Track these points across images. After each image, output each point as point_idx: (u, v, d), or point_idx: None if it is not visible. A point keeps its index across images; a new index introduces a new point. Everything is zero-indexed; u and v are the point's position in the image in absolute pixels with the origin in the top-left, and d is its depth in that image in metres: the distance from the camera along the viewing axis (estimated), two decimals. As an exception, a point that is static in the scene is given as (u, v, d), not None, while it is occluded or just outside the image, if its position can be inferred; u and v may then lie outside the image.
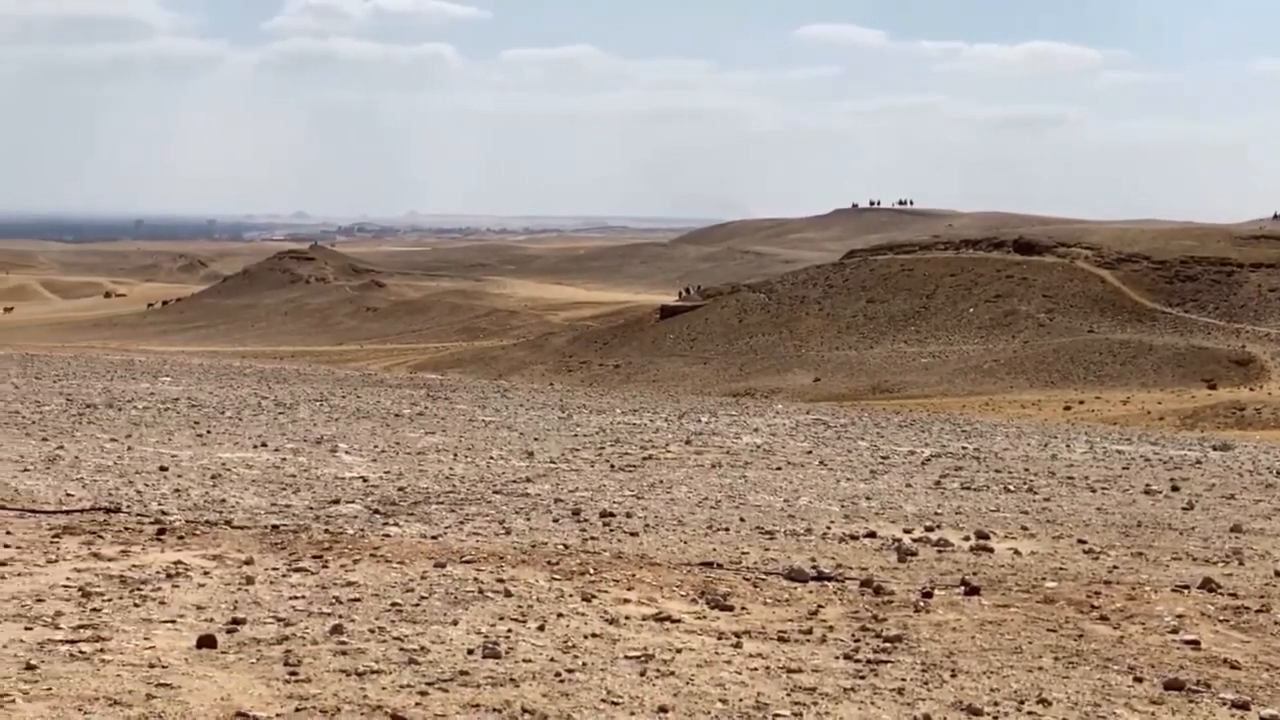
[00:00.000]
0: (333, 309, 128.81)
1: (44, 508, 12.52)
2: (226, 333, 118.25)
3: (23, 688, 6.94)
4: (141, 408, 23.24)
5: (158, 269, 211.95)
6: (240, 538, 11.33)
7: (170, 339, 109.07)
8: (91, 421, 20.72)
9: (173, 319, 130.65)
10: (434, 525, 12.60)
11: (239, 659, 7.65)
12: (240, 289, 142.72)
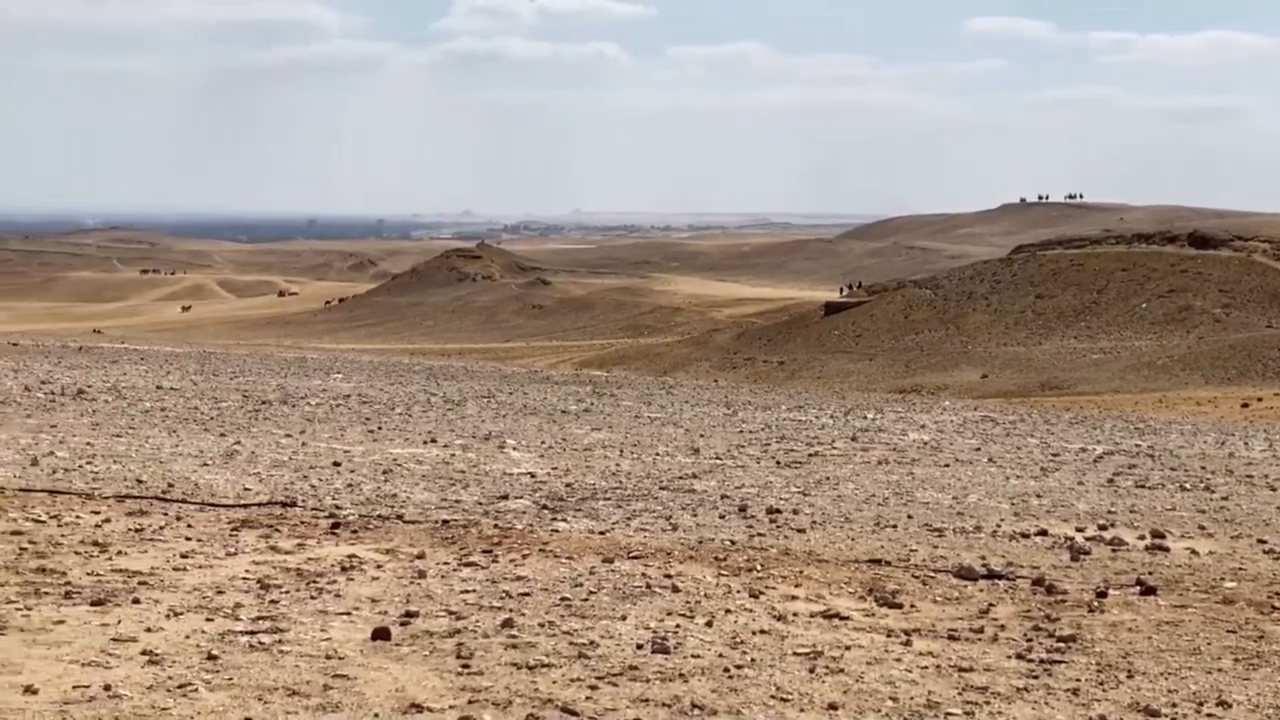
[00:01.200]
0: (499, 306, 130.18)
1: (223, 502, 12.82)
2: (395, 330, 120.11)
3: (205, 677, 7.12)
4: (314, 404, 23.69)
5: (329, 268, 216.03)
6: (412, 532, 11.51)
7: (340, 337, 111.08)
8: (267, 418, 21.17)
9: (343, 317, 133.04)
10: (601, 521, 12.67)
11: (412, 651, 7.77)
12: (408, 287, 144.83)
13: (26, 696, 6.71)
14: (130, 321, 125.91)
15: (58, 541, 10.49)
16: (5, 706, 6.56)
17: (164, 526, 11.34)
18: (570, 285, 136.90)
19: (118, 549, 10.31)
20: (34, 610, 8.37)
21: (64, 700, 6.69)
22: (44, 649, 7.54)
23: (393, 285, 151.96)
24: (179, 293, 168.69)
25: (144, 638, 7.82)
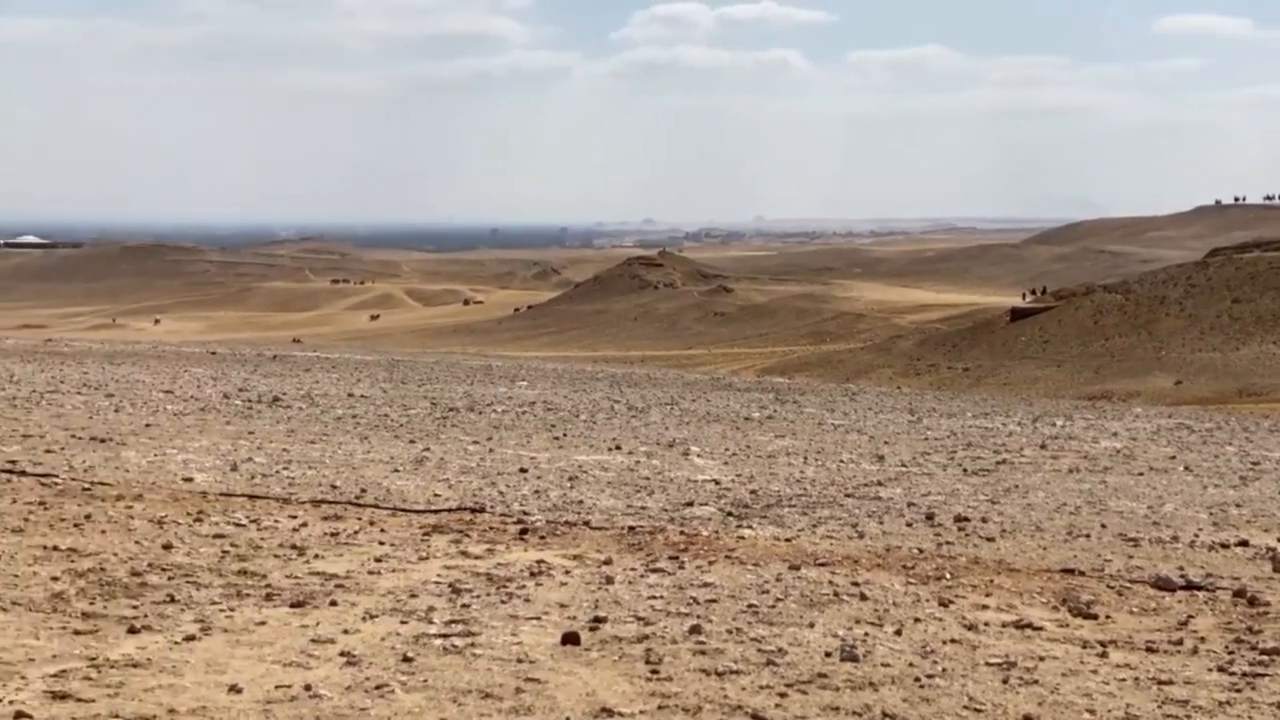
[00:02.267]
0: (681, 314, 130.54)
1: (414, 507, 13.05)
2: (578, 338, 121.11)
3: (401, 679, 7.26)
4: (501, 411, 23.99)
5: (513, 276, 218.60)
6: (599, 538, 11.60)
7: (525, 344, 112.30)
8: (455, 424, 21.49)
9: (527, 325, 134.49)
10: (787, 528, 12.64)
11: (602, 656, 7.83)
12: (591, 295, 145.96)
13: (232, 695, 6.90)
14: (321, 330, 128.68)
15: (258, 545, 10.78)
16: (212, 705, 6.76)
17: (358, 531, 11.58)
18: (752, 292, 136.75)
19: (315, 552, 10.56)
20: (237, 611, 8.61)
21: (267, 699, 6.88)
22: (247, 649, 7.76)
23: (575, 293, 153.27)
24: (368, 301, 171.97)
25: (342, 639, 7.99)
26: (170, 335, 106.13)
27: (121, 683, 7.05)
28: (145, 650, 7.66)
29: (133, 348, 42.93)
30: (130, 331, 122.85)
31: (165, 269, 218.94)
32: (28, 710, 6.55)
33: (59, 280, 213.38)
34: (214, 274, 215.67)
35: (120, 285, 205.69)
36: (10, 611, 8.44)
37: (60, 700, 6.75)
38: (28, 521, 11.41)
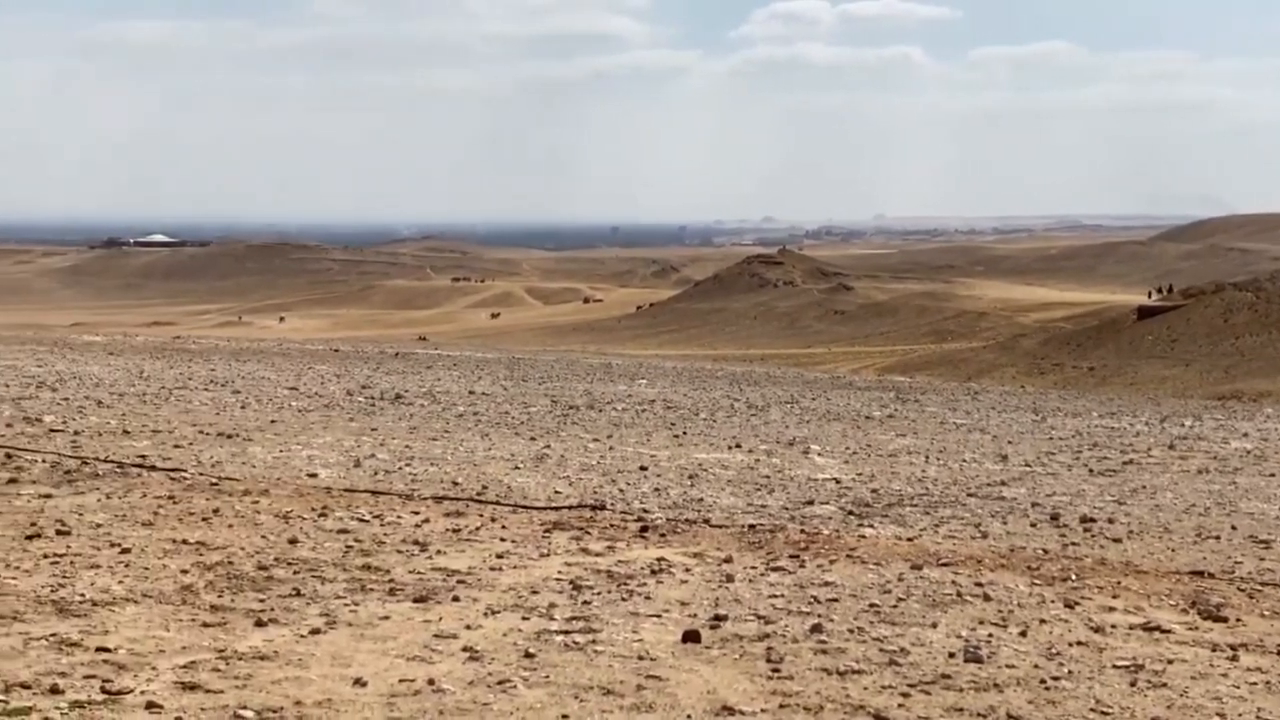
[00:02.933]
0: (801, 312, 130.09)
1: (535, 504, 13.11)
2: (697, 336, 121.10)
3: (523, 674, 7.30)
4: (620, 409, 24.04)
5: (632, 275, 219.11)
6: (719, 536, 11.58)
7: (644, 342, 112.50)
8: (575, 422, 21.57)
9: (646, 323, 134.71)
10: (908, 527, 12.53)
11: (722, 654, 7.81)
12: (711, 293, 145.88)
13: (356, 688, 6.98)
14: (442, 328, 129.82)
15: (381, 540, 10.89)
16: (337, 697, 6.84)
17: (480, 527, 11.66)
18: (872, 290, 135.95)
19: (437, 548, 10.65)
20: (361, 606, 8.70)
21: (391, 693, 6.94)
22: (371, 643, 7.84)
23: (695, 291, 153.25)
24: (488, 300, 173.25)
25: (464, 634, 8.05)
26: (294, 333, 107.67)
27: (249, 675, 7.16)
28: (272, 643, 7.77)
29: (258, 345, 43.59)
30: (255, 329, 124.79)
31: (290, 267, 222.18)
32: (158, 701, 6.67)
33: (186, 278, 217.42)
34: (337, 272, 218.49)
35: (246, 283, 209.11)
36: (141, 604, 8.60)
37: (190, 691, 6.86)
38: (157, 515, 11.62)
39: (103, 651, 7.46)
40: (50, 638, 7.68)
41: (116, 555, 9.96)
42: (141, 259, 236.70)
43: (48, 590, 8.82)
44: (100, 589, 8.92)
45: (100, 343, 38.71)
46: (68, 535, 10.60)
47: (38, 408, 19.73)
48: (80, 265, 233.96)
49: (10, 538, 10.44)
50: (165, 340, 43.85)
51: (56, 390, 22.61)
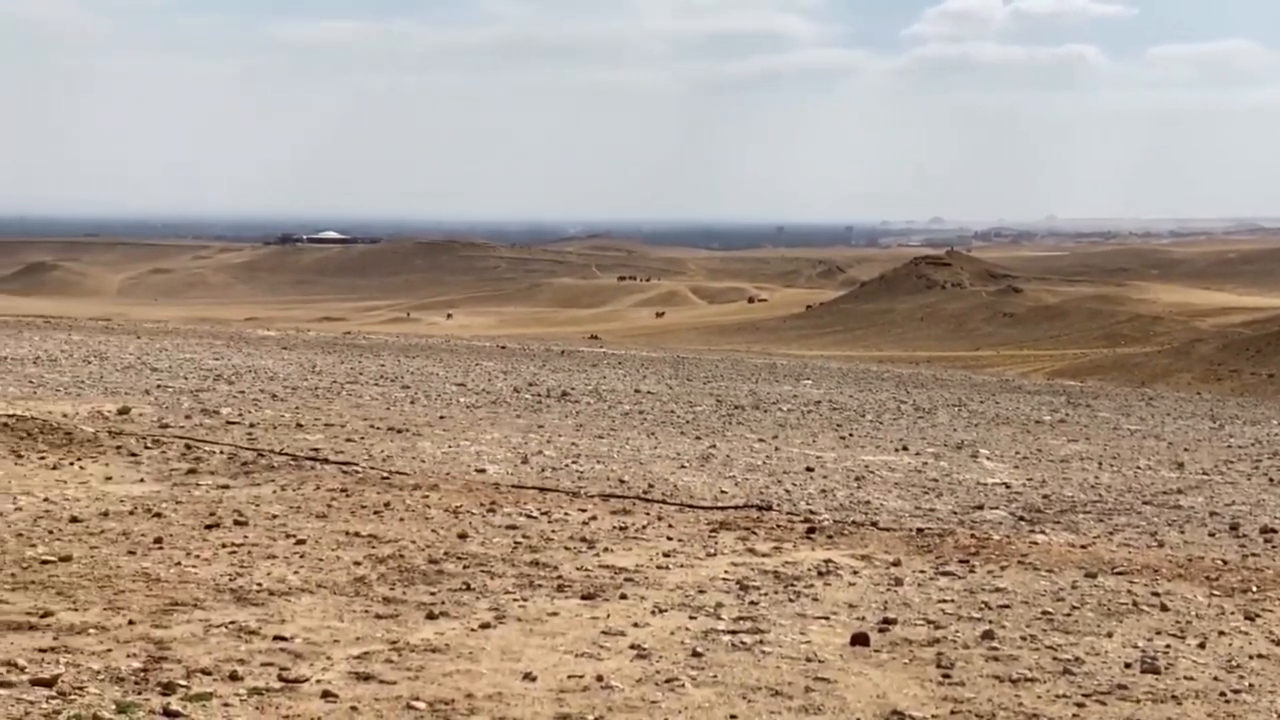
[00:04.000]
0: (968, 314, 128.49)
1: (701, 503, 13.11)
2: (863, 337, 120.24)
3: (691, 673, 7.29)
4: (786, 410, 23.94)
5: (797, 275, 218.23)
6: (887, 539, 11.47)
7: (809, 343, 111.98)
8: (740, 422, 21.53)
9: (811, 323, 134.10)
10: (1082, 534, 12.31)
11: (891, 658, 7.74)
12: (877, 294, 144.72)
13: (526, 683, 7.03)
14: (607, 326, 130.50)
15: (549, 537, 10.96)
16: (507, 691, 6.90)
17: (646, 526, 11.69)
18: (1043, 293, 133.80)
19: (604, 546, 10.69)
20: (529, 601, 8.77)
21: (560, 689, 6.98)
22: (540, 639, 7.89)
23: (861, 292, 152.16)
24: (653, 298, 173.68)
25: (632, 632, 8.07)
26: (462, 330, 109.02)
27: (421, 667, 7.25)
28: (443, 636, 7.86)
29: (426, 341, 44.20)
30: (423, 325, 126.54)
31: (458, 265, 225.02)
32: (334, 690, 6.78)
33: (357, 275, 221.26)
34: (504, 270, 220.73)
35: (415, 280, 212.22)
36: (316, 594, 8.76)
37: (364, 681, 6.97)
38: (330, 508, 11.83)
39: (280, 640, 7.61)
40: (229, 625, 7.85)
41: (292, 546, 10.16)
42: (314, 255, 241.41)
43: (226, 579, 9.02)
44: (277, 579, 9.10)
45: (274, 337, 39.56)
46: (245, 526, 10.83)
47: (215, 400, 20.21)
48: (255, 261, 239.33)
49: (190, 527, 10.70)
50: (336, 336, 44.67)
51: (233, 384, 23.15)
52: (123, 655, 7.19)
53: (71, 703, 6.42)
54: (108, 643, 7.41)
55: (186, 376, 24.00)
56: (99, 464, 13.66)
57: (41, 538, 10.06)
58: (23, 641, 7.36)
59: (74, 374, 23.55)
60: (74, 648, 7.28)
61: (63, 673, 6.80)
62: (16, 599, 8.24)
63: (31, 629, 7.61)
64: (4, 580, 8.70)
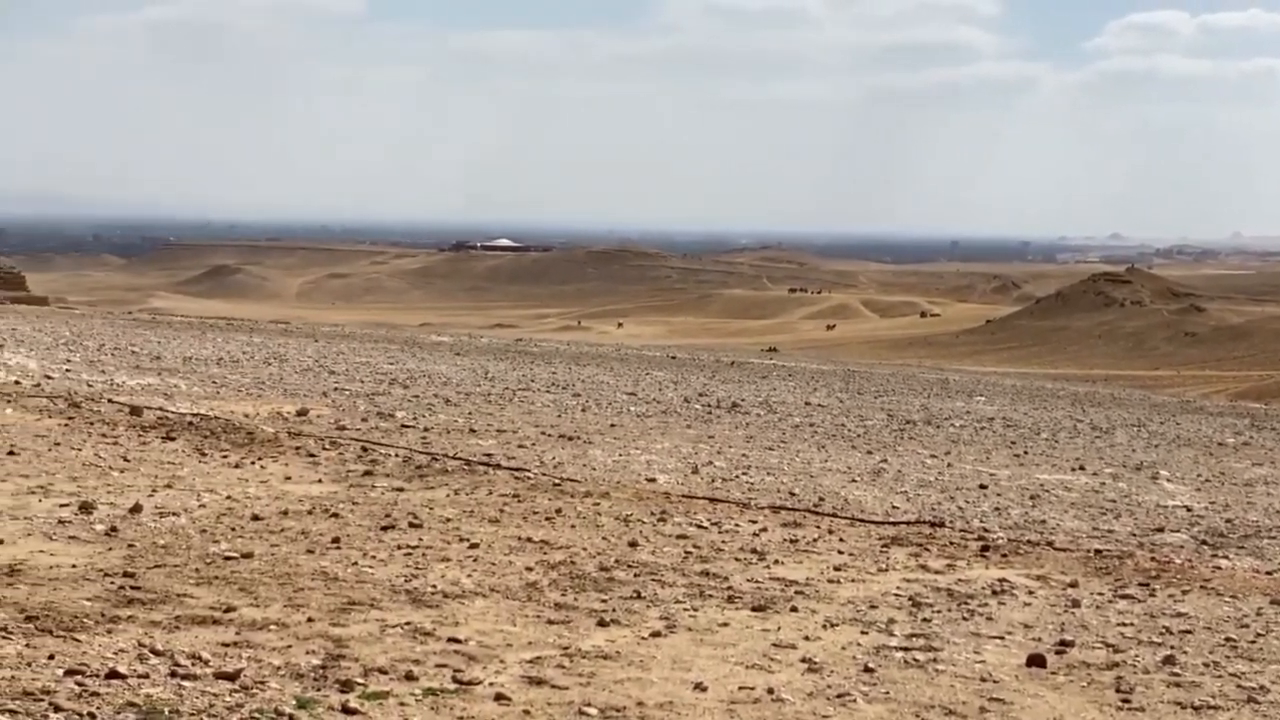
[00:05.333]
0: (1148, 333, 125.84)
1: (872, 518, 13.00)
2: (1038, 354, 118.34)
3: (863, 689, 7.22)
4: (959, 425, 23.66)
5: (971, 290, 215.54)
6: (1063, 559, 11.27)
7: (982, 359, 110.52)
8: (912, 437, 21.33)
9: (984, 339, 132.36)
10: (1267, 560, 11.97)
11: (1069, 681, 7.58)
12: (1052, 311, 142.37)
13: (697, 693, 7.02)
14: (777, 338, 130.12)
15: (719, 547, 10.95)
16: (678, 701, 6.89)
17: (817, 539, 11.62)
18: (1227, 312, 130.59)
19: (775, 558, 10.65)
20: (700, 611, 8.76)
21: (731, 700, 6.96)
22: (710, 649, 7.88)
23: (1036, 308, 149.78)
24: (824, 311, 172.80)
25: (803, 645, 8.02)
26: (631, 338, 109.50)
27: (593, 673, 7.27)
28: (614, 643, 7.88)
29: (596, 349, 44.51)
30: (594, 334, 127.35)
31: (629, 274, 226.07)
32: (506, 693, 6.83)
33: (529, 282, 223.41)
34: (675, 280, 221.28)
35: (586, 289, 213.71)
36: (489, 597, 8.84)
37: (536, 685, 7.01)
38: (503, 513, 11.94)
39: (454, 642, 7.69)
40: (405, 626, 7.96)
41: (465, 550, 10.27)
42: (487, 262, 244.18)
43: (402, 580, 9.14)
44: (450, 581, 9.20)
45: (447, 343, 40.11)
46: (419, 528, 10.98)
47: (390, 404, 20.54)
48: (429, 267, 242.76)
49: (366, 528, 10.88)
50: (508, 342, 45.16)
51: (407, 388, 23.51)
52: (302, 652, 7.32)
53: (253, 697, 6.55)
54: (288, 639, 7.55)
55: (363, 380, 24.43)
56: (279, 464, 13.95)
57: (224, 534, 10.30)
58: (207, 635, 7.54)
59: (255, 375, 24.12)
60: (255, 643, 7.43)
61: (245, 667, 6.95)
62: (201, 593, 8.44)
63: (215, 623, 7.79)
64: (189, 575, 8.92)
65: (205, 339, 33.22)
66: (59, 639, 7.26)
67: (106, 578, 8.68)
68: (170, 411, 17.57)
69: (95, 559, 9.22)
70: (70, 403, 17.71)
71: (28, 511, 10.72)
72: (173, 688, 6.58)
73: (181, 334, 34.89)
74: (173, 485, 12.28)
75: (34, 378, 20.99)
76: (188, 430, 15.83)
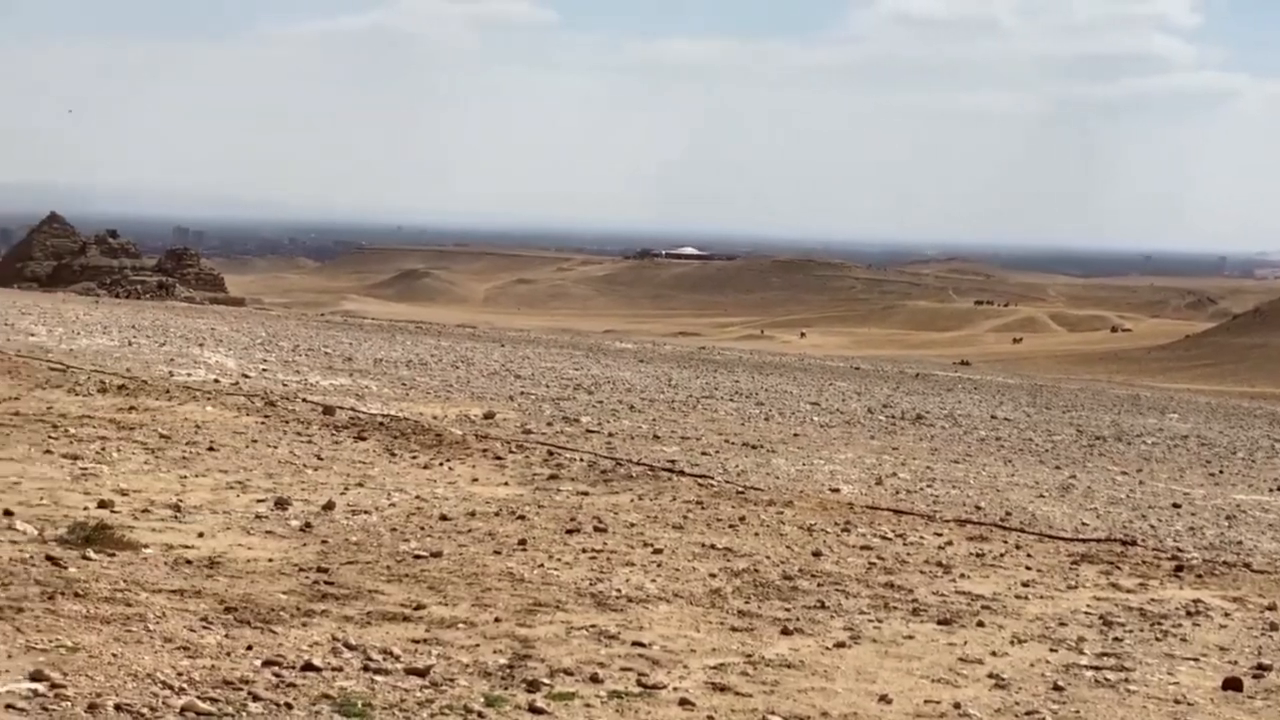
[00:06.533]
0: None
1: (1060, 534, 12.78)
2: (1233, 372, 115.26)
3: (1051, 706, 7.11)
4: (1150, 443, 23.16)
5: (1164, 305, 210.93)
6: (1261, 582, 10.97)
7: (1174, 375, 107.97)
8: (1102, 453, 20.93)
9: (1177, 356, 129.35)
10: None
11: (1267, 705, 7.40)
12: (1250, 327, 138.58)
13: (881, 705, 6.98)
14: (962, 350, 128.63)
15: (904, 559, 10.86)
16: (863, 712, 6.86)
17: (1004, 554, 11.47)
18: None
19: (960, 571, 10.54)
20: (884, 623, 8.70)
21: (916, 713, 6.90)
22: (895, 661, 7.82)
23: (1233, 325, 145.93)
24: (1011, 324, 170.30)
25: (990, 661, 7.93)
26: (814, 349, 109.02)
27: (776, 681, 7.27)
28: (798, 652, 7.87)
29: (779, 359, 44.41)
30: (776, 343, 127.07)
31: (813, 283, 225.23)
32: (690, 698, 6.86)
33: (713, 290, 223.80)
34: (860, 290, 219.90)
35: (769, 298, 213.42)
36: (673, 603, 8.88)
37: (720, 692, 7.03)
38: (687, 519, 11.99)
39: (638, 646, 7.74)
40: (590, 629, 8.03)
41: (649, 555, 10.33)
42: (672, 270, 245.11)
43: (587, 583, 9.23)
44: (635, 586, 9.26)
45: (631, 350, 40.36)
46: (604, 532, 11.07)
47: (575, 409, 20.73)
48: (614, 274, 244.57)
49: (552, 531, 11.00)
50: (691, 350, 45.27)
51: (592, 393, 23.70)
52: (490, 650, 7.43)
53: (443, 693, 6.66)
54: (475, 637, 7.67)
55: (548, 384, 24.69)
56: (466, 465, 14.17)
57: (414, 533, 10.50)
58: (398, 631, 7.69)
59: (443, 378, 24.52)
60: (444, 640, 7.56)
61: (435, 664, 7.07)
62: (392, 590, 8.61)
63: (405, 620, 7.94)
64: (380, 572, 9.11)
65: (395, 341, 33.86)
66: (256, 630, 7.47)
67: (301, 572, 8.90)
68: (361, 412, 17.94)
69: (291, 554, 9.46)
70: (267, 401, 18.18)
71: (227, 506, 11.04)
72: (365, 681, 6.73)
73: (372, 336, 35.62)
74: (364, 484, 12.55)
75: (232, 376, 21.60)
76: (378, 430, 16.15)
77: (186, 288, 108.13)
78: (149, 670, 6.57)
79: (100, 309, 40.72)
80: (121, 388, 18.34)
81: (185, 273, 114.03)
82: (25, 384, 18.05)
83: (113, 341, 26.97)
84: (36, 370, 19.73)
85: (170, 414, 16.24)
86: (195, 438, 14.51)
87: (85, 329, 29.81)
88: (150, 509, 10.65)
